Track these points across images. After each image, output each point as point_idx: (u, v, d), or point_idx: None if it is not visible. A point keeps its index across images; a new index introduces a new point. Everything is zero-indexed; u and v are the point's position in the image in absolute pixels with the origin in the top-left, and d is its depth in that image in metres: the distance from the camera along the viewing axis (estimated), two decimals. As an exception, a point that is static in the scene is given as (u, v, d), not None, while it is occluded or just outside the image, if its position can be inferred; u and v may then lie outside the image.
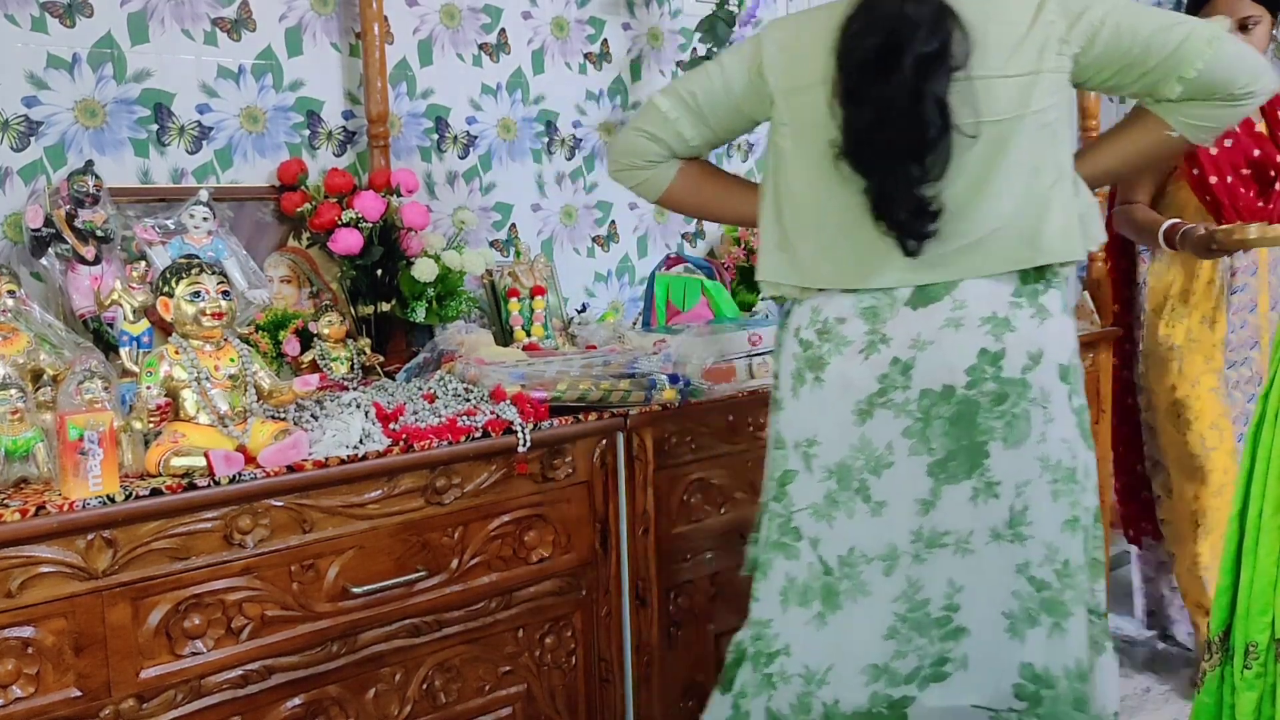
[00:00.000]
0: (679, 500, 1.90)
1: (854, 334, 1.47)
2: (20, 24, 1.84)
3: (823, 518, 1.49)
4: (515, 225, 2.49)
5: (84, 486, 1.31)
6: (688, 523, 1.91)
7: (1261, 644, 1.28)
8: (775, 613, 1.55)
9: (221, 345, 1.52)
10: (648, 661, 1.87)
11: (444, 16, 2.34)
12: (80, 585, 1.32)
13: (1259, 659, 1.28)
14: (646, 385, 1.80)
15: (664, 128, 1.59)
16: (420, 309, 2.14)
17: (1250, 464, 1.31)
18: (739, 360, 1.98)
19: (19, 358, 1.49)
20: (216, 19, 2.05)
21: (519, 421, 1.66)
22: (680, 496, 1.90)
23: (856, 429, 1.46)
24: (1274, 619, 1.27)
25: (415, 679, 1.62)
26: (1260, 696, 1.29)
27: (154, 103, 1.99)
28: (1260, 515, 1.28)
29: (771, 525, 1.56)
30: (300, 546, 1.49)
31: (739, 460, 1.97)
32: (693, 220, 2.82)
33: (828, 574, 1.50)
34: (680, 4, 2.73)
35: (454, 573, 1.64)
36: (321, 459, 1.49)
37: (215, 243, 1.90)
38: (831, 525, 1.49)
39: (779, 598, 1.54)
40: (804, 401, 1.51)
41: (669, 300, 2.32)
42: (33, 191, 1.85)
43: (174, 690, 1.40)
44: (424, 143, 2.33)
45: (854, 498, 1.47)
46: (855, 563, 1.48)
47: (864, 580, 1.48)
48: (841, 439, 1.48)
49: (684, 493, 1.90)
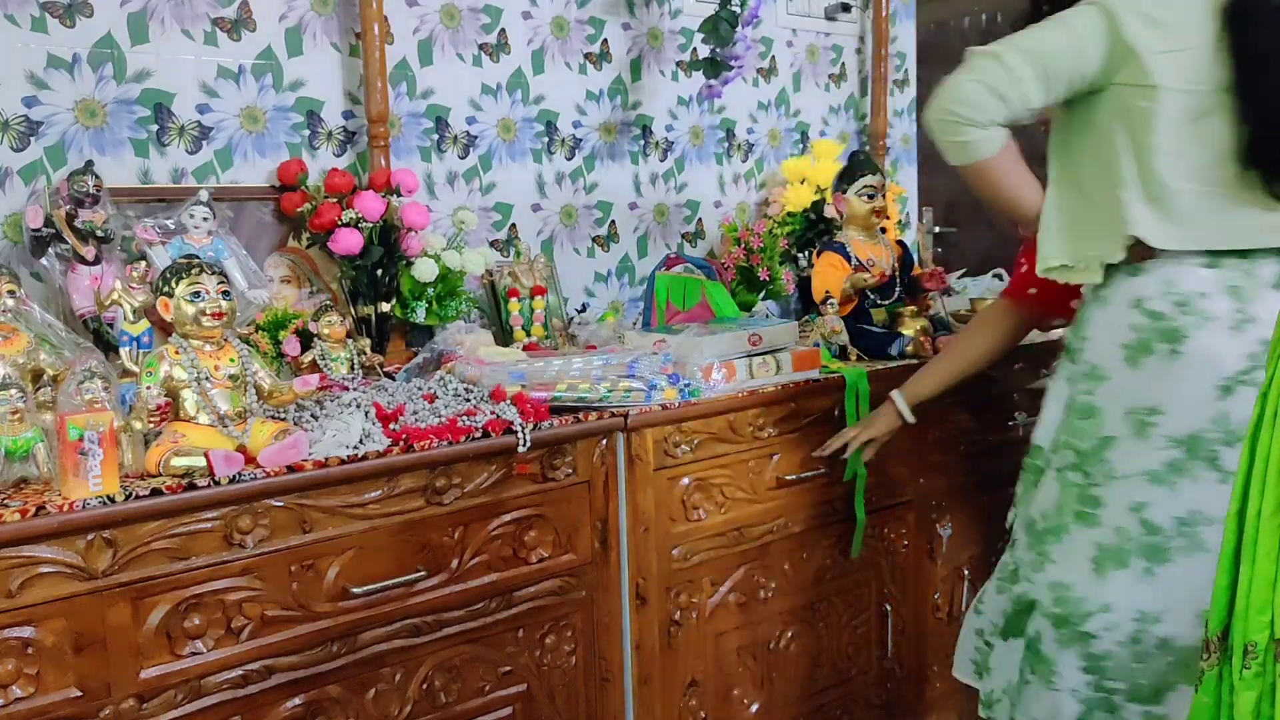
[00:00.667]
0: (679, 500, 1.90)
1: (1219, 310, 1.53)
2: (20, 24, 1.84)
3: (1161, 483, 1.57)
4: (515, 225, 2.49)
5: (84, 486, 1.31)
6: (687, 523, 1.91)
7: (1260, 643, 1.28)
8: (1082, 576, 1.63)
9: (221, 345, 1.52)
10: (648, 661, 1.87)
11: (444, 16, 2.34)
12: (80, 585, 1.32)
13: (1257, 658, 1.28)
14: (646, 385, 1.80)
15: (1012, 87, 1.54)
16: (420, 309, 2.14)
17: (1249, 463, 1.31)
18: (739, 360, 1.98)
19: (19, 358, 1.49)
20: (216, 19, 2.05)
21: (519, 421, 1.66)
22: (680, 497, 1.90)
23: (1217, 403, 1.53)
24: (1273, 618, 1.27)
25: (415, 679, 1.62)
26: (1259, 696, 1.28)
27: (154, 103, 1.99)
28: (1259, 514, 1.28)
29: (1068, 494, 1.65)
30: (300, 546, 1.49)
31: (739, 460, 1.98)
32: (693, 220, 2.82)
33: (1152, 534, 1.58)
34: (680, 4, 2.73)
35: (454, 573, 1.64)
36: (321, 459, 1.49)
37: (215, 243, 1.90)
38: (1173, 490, 1.56)
39: (1089, 565, 1.63)
40: (1147, 372, 1.56)
41: (669, 300, 2.32)
42: (33, 191, 1.85)
43: (174, 690, 1.40)
44: (424, 143, 2.33)
45: (1202, 466, 1.55)
46: (1195, 523, 1.56)
47: (1202, 539, 1.55)
48: (1197, 412, 1.54)
49: (684, 493, 1.90)
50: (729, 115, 2.87)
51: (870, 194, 2.39)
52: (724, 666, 2.00)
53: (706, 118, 2.83)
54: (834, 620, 2.17)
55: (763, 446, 2.00)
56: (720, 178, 2.88)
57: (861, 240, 2.40)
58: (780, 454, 2.03)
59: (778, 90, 2.98)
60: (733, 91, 2.79)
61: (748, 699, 2.04)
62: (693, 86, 2.75)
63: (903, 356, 2.24)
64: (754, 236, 2.55)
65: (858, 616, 2.21)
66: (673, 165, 2.77)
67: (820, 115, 3.09)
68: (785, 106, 3.00)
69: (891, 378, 2.17)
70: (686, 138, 2.79)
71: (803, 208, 2.76)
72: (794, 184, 2.82)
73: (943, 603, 2.36)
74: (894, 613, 2.25)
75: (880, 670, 2.27)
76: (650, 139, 2.71)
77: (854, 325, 2.29)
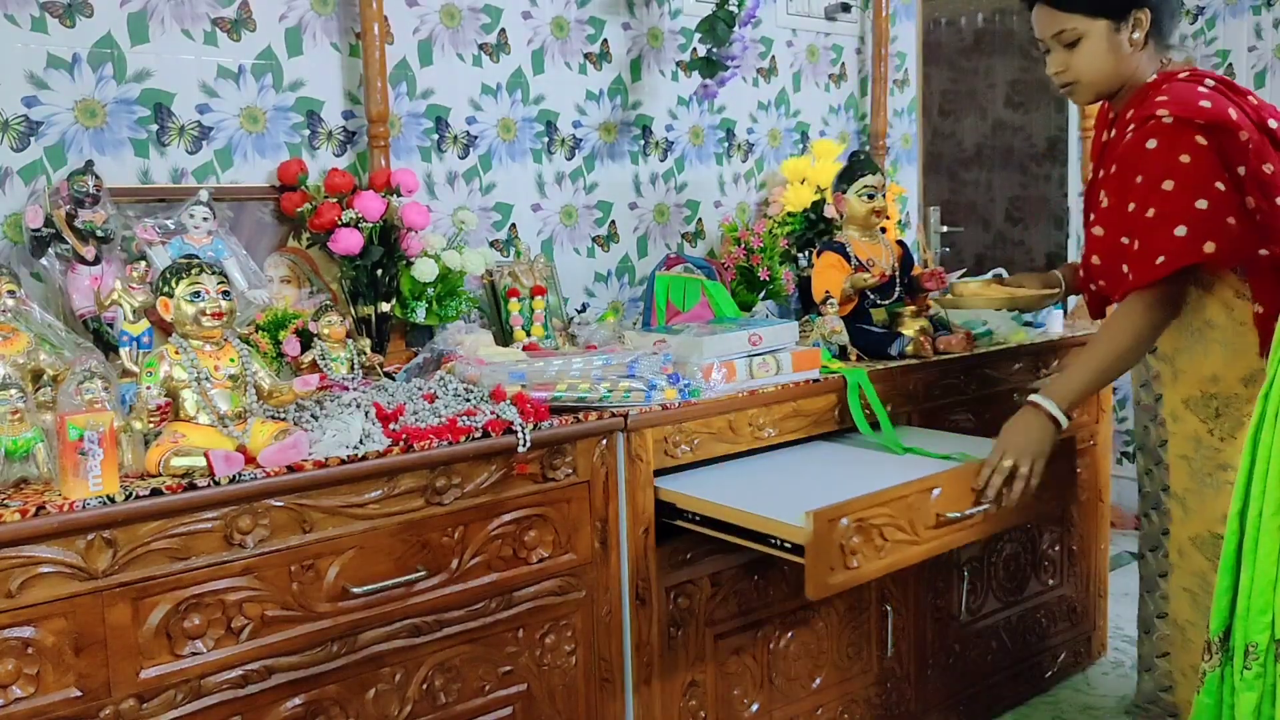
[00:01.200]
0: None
1: None
2: (20, 24, 1.84)
3: None
4: (515, 225, 2.49)
5: (84, 486, 1.31)
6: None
7: (1261, 644, 1.28)
8: None
9: (222, 345, 1.52)
10: (648, 661, 1.87)
11: (444, 16, 2.34)
12: (80, 585, 1.32)
13: (1259, 659, 1.28)
14: (646, 385, 1.80)
15: None
16: (420, 309, 2.14)
17: (1250, 464, 1.31)
18: (739, 360, 1.98)
19: (19, 358, 1.49)
20: (216, 19, 2.05)
21: (519, 421, 1.66)
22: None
23: None
24: (1274, 619, 1.27)
25: (415, 679, 1.62)
26: (1260, 697, 1.28)
27: (154, 103, 1.99)
28: (1260, 515, 1.28)
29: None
30: (300, 546, 1.49)
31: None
32: (693, 220, 2.82)
33: None
34: (680, 4, 2.73)
35: (454, 573, 1.64)
36: (321, 459, 1.49)
37: (215, 243, 1.90)
38: None
39: None
40: None
41: (669, 300, 2.32)
42: (33, 191, 1.85)
43: (174, 690, 1.40)
44: (424, 143, 2.33)
45: None
46: None
47: None
48: None
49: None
50: (729, 115, 2.87)
51: (870, 194, 2.38)
52: (724, 666, 2.00)
53: (706, 118, 2.83)
54: (834, 620, 2.17)
55: (763, 445, 2.00)
56: (720, 178, 2.88)
57: (861, 240, 2.40)
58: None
59: (778, 90, 2.98)
60: (733, 91, 2.80)
61: (748, 699, 2.04)
62: (693, 86, 2.75)
63: (903, 356, 2.24)
64: (754, 236, 2.55)
65: (858, 616, 2.21)
66: (673, 165, 2.77)
67: (820, 115, 3.09)
68: (785, 106, 3.00)
69: (891, 378, 2.18)
70: (686, 138, 2.79)
71: (803, 208, 2.76)
72: (794, 184, 2.82)
73: (942, 602, 2.36)
74: (894, 613, 2.25)
75: (880, 670, 2.27)
76: (650, 139, 2.71)
77: (854, 325, 2.29)
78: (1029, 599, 2.59)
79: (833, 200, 2.48)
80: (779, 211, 2.83)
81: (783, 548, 1.68)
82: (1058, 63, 1.90)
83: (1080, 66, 1.88)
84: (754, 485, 1.86)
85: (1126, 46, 1.85)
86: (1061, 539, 2.65)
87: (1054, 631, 2.67)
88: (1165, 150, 1.73)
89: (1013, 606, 2.55)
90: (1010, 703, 2.59)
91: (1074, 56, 1.88)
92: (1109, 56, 1.86)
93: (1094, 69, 1.88)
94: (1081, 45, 1.86)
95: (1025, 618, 2.59)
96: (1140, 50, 1.87)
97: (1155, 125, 1.75)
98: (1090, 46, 1.86)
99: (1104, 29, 1.84)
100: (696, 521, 1.81)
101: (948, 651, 2.40)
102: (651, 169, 2.72)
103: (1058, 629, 2.69)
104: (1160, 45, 1.90)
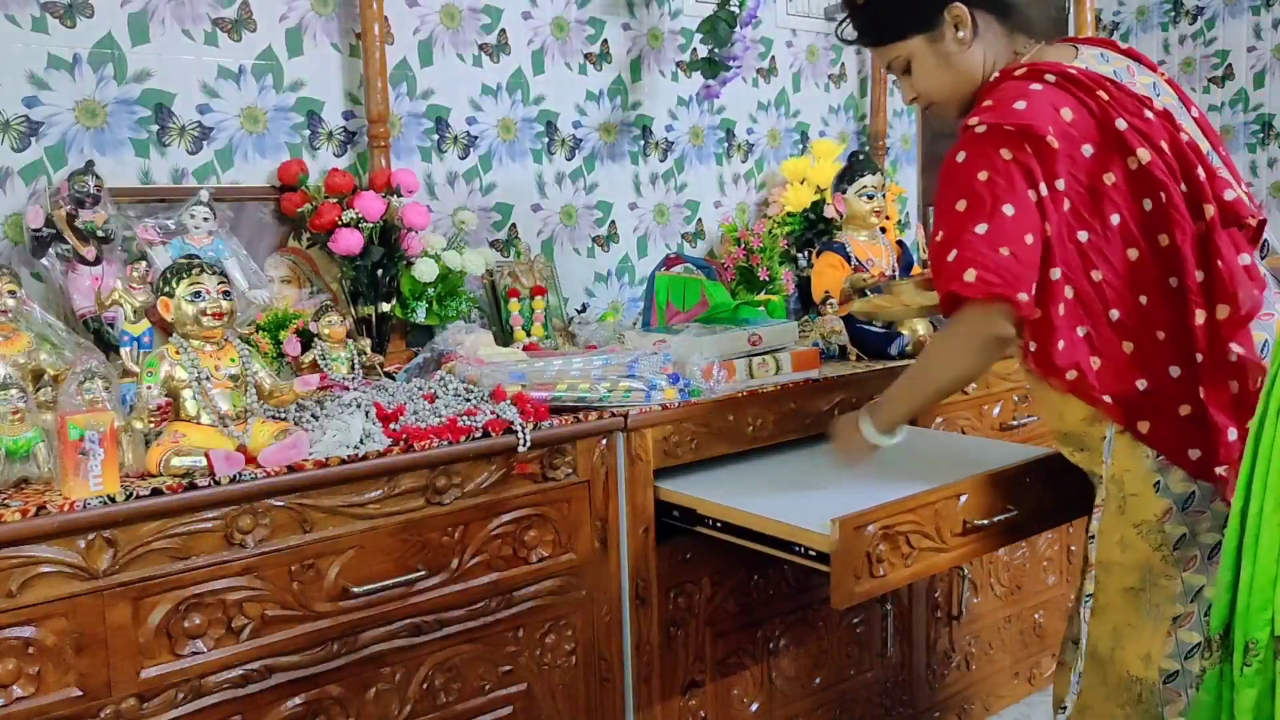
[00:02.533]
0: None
1: None
2: (21, 24, 1.84)
3: None
4: (515, 225, 2.49)
5: (84, 486, 1.32)
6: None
7: (1261, 641, 1.28)
8: None
9: (222, 345, 1.52)
10: (647, 661, 1.87)
11: (444, 17, 2.34)
12: (81, 585, 1.32)
13: (1259, 656, 1.28)
14: (646, 385, 1.80)
15: None
16: (420, 309, 2.14)
17: (1251, 460, 1.31)
18: (739, 360, 1.98)
19: (19, 358, 1.49)
20: (217, 19, 2.05)
21: (519, 421, 1.66)
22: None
23: None
24: (1274, 616, 1.27)
25: (415, 679, 1.62)
26: (1260, 694, 1.28)
27: (154, 103, 1.99)
28: (1261, 512, 1.28)
29: None
30: (300, 546, 1.49)
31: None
32: (693, 220, 2.82)
33: None
34: (680, 4, 2.73)
35: (454, 572, 1.64)
36: (322, 459, 1.49)
37: (215, 243, 1.90)
38: None
39: None
40: None
41: (669, 300, 2.33)
42: (33, 191, 1.85)
43: (174, 690, 1.40)
44: (424, 143, 2.33)
45: None
46: None
47: None
48: None
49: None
50: (729, 115, 2.87)
51: (870, 194, 2.39)
52: (724, 666, 2.00)
53: (706, 118, 2.83)
54: (834, 620, 2.17)
55: (763, 445, 2.00)
56: (720, 178, 2.88)
57: (861, 240, 2.40)
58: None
59: (777, 90, 2.98)
60: (733, 92, 2.80)
61: (748, 699, 2.04)
62: (693, 87, 2.76)
63: (902, 356, 2.24)
64: (754, 236, 2.55)
65: (858, 616, 2.21)
66: (672, 165, 2.77)
67: (820, 115, 3.10)
68: (785, 107, 3.00)
69: (891, 378, 2.17)
70: (686, 138, 2.79)
71: (802, 208, 2.77)
72: (794, 184, 2.82)
73: (942, 602, 2.36)
74: (894, 613, 2.25)
75: (880, 670, 2.27)
76: (650, 139, 2.71)
77: (854, 325, 2.29)
78: (1029, 599, 2.59)
79: (832, 200, 2.48)
80: (779, 212, 2.83)
81: (807, 555, 1.64)
82: (907, 90, 1.77)
83: (923, 87, 1.74)
84: (764, 488, 1.85)
85: (955, 49, 1.68)
86: (1061, 539, 2.65)
87: (1054, 631, 2.67)
88: (969, 165, 1.57)
89: (1013, 606, 2.55)
90: (1010, 702, 2.59)
91: (915, 79, 1.74)
92: (942, 67, 1.70)
93: (935, 85, 1.73)
94: (914, 67, 1.72)
95: (1025, 618, 2.59)
96: (970, 47, 1.68)
97: (969, 136, 1.60)
98: (920, 65, 1.72)
99: (922, 44, 1.70)
100: (718, 528, 1.78)
101: (948, 651, 2.40)
102: (651, 169, 2.73)
103: (1057, 629, 2.69)
104: (1011, 31, 1.70)
